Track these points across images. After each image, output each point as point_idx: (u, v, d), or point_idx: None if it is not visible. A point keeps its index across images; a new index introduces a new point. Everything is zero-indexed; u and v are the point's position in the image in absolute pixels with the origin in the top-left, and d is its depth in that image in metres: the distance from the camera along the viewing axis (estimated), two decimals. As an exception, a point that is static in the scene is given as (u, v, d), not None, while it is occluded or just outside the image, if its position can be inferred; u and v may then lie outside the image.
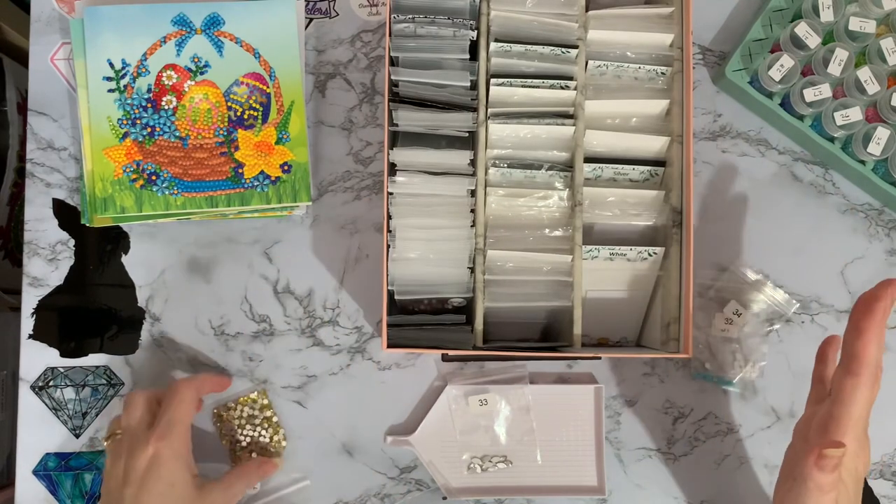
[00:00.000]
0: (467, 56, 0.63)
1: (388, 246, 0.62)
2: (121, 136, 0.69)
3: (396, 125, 0.62)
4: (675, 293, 0.62)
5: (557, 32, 0.64)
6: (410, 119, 0.62)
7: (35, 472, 0.70)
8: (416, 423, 0.70)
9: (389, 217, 0.62)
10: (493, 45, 0.63)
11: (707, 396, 0.71)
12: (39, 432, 0.70)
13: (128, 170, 0.69)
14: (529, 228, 0.63)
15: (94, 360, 0.71)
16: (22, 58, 1.10)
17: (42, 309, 0.71)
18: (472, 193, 0.63)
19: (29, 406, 0.71)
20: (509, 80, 0.63)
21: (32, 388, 0.71)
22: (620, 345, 0.68)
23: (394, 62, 0.64)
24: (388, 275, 0.61)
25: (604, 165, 0.64)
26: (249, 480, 0.66)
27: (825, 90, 0.67)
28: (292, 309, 0.71)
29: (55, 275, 0.72)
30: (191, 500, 0.60)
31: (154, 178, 0.69)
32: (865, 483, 0.70)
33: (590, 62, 0.64)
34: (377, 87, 0.73)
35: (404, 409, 0.71)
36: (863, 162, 0.70)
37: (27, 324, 0.71)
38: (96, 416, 0.71)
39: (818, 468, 0.51)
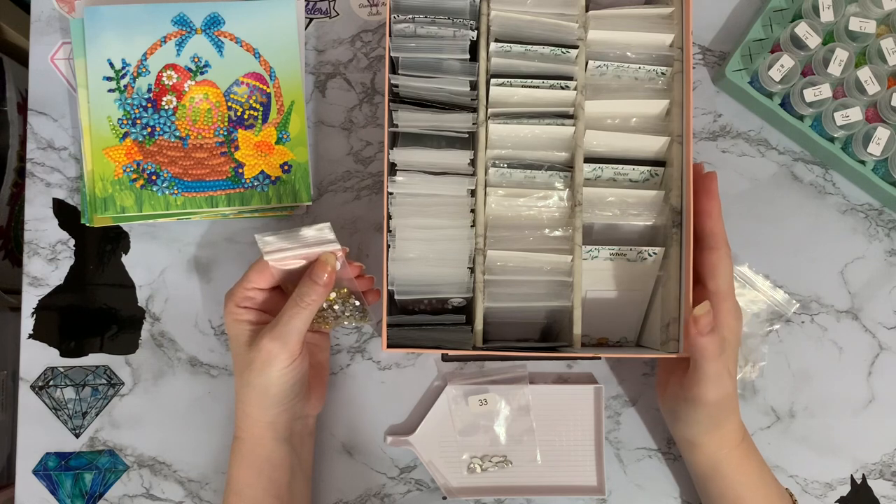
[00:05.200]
0: (467, 56, 0.63)
1: (388, 246, 0.62)
2: (121, 135, 0.69)
3: (396, 126, 0.62)
4: (675, 293, 0.62)
5: (557, 32, 0.64)
6: (410, 119, 0.62)
7: (35, 472, 0.70)
8: (416, 423, 0.70)
9: (389, 217, 0.62)
10: (493, 45, 0.63)
11: (707, 396, 0.71)
12: (39, 432, 0.70)
13: (128, 170, 0.69)
14: (529, 228, 0.63)
15: (94, 359, 0.71)
16: (22, 58, 1.10)
17: (42, 309, 0.71)
18: (472, 193, 0.63)
19: (29, 406, 0.71)
20: (509, 80, 0.63)
21: (32, 387, 0.71)
22: (620, 345, 0.68)
23: (394, 62, 0.64)
24: (388, 275, 0.61)
25: (604, 165, 0.64)
26: (303, 301, 0.58)
27: (825, 90, 0.67)
28: (292, 309, 0.71)
29: (55, 275, 0.72)
30: (242, 351, 0.60)
31: (154, 177, 0.69)
32: (865, 483, 0.70)
33: (590, 62, 0.64)
34: (377, 87, 0.73)
35: (404, 409, 0.71)
36: (863, 162, 0.70)
37: (27, 324, 0.71)
38: (96, 415, 0.71)
39: (699, 333, 0.56)
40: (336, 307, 0.63)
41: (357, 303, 0.63)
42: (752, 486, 0.63)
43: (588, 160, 0.64)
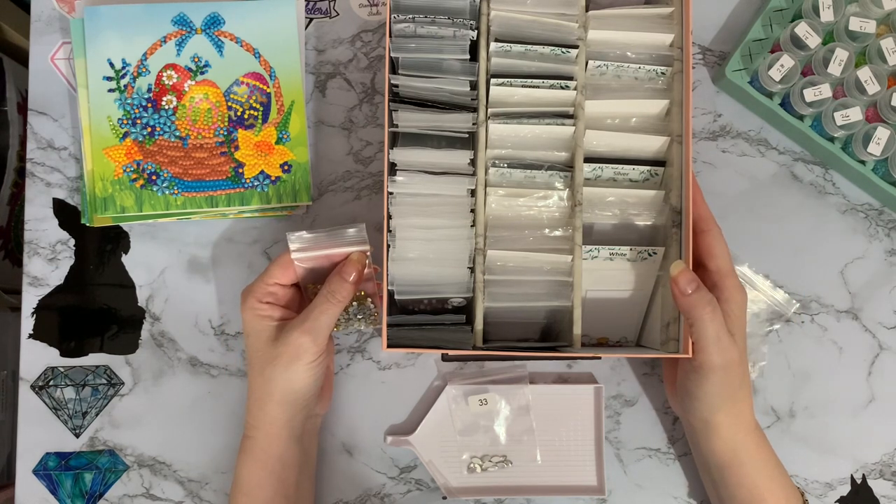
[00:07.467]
0: (467, 56, 0.63)
1: (388, 246, 0.62)
2: (121, 135, 0.69)
3: (396, 126, 0.62)
4: (675, 293, 0.62)
5: (557, 32, 0.64)
6: (410, 120, 0.62)
7: (35, 472, 0.70)
8: (416, 422, 0.70)
9: (389, 217, 0.62)
10: (493, 45, 0.63)
11: (707, 396, 0.71)
12: (39, 432, 0.70)
13: (128, 169, 0.69)
14: (529, 228, 0.63)
15: (94, 359, 0.71)
16: (22, 58, 1.10)
17: (42, 309, 0.71)
18: (472, 193, 0.63)
19: (29, 406, 0.71)
20: (509, 80, 0.63)
21: (32, 387, 0.71)
22: (620, 345, 0.68)
23: (394, 62, 0.64)
24: (388, 275, 0.61)
25: (604, 165, 0.64)
26: (333, 297, 0.59)
27: (825, 90, 0.67)
28: (292, 309, 0.71)
29: (55, 274, 0.72)
30: (265, 346, 0.60)
31: (154, 177, 0.69)
32: (865, 483, 0.70)
33: (590, 62, 0.64)
34: (377, 87, 0.73)
35: (404, 409, 0.71)
36: (863, 162, 0.70)
37: (27, 323, 0.71)
38: (96, 415, 0.71)
39: (681, 293, 0.57)
40: (350, 309, 0.64)
41: (372, 306, 0.64)
42: (769, 475, 0.62)
43: (588, 160, 0.64)
